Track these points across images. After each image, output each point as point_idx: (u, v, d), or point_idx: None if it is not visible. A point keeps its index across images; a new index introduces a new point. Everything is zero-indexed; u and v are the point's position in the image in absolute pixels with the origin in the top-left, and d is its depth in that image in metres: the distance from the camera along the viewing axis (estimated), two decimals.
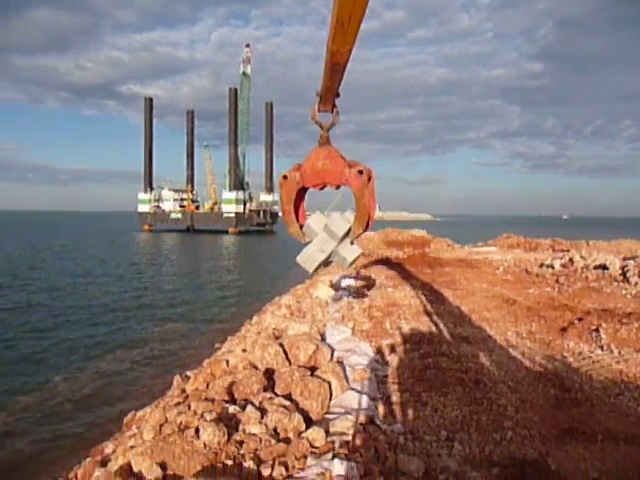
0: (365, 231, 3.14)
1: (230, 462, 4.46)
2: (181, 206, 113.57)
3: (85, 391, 14.20)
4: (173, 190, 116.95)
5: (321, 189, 3.15)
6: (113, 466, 5.13)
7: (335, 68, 2.45)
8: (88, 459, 8.44)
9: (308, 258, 3.14)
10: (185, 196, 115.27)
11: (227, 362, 8.28)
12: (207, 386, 7.62)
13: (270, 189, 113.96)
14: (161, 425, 5.83)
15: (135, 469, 4.59)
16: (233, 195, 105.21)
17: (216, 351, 14.56)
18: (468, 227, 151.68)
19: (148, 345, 18.99)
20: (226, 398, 6.24)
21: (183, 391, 8.43)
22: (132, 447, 5.56)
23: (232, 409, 5.55)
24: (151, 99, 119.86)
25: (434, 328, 11.13)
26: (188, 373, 10.37)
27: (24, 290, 30.64)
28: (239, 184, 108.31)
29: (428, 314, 12.60)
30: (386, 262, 25.01)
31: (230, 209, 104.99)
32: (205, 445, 4.61)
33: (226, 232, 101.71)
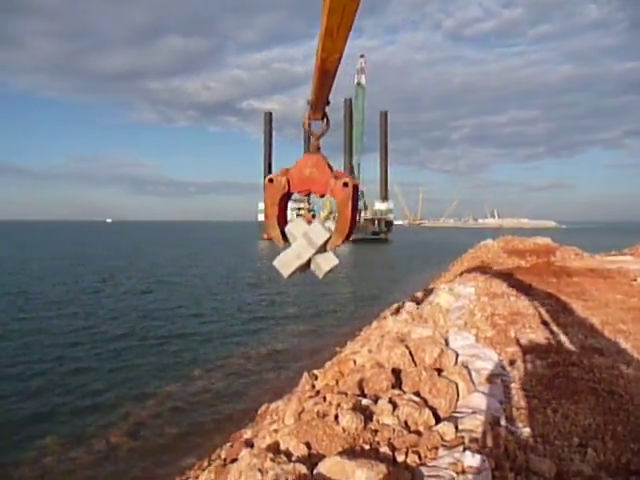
0: (344, 242, 3.10)
1: (367, 447, 4.90)
2: (298, 215, 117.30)
3: (220, 384, 15.53)
4: (291, 200, 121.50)
5: (306, 196, 3.18)
6: (260, 444, 5.79)
7: (325, 76, 2.46)
8: (228, 443, 9.38)
9: (285, 263, 3.08)
10: (302, 205, 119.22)
11: (354, 361, 8.77)
12: (336, 382, 8.16)
13: (385, 197, 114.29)
14: (300, 413, 6.43)
15: (282, 447, 5.18)
16: None
17: (337, 353, 15.20)
18: (598, 235, 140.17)
19: (273, 346, 20.19)
20: (357, 392, 6.69)
21: (313, 387, 9.06)
22: (276, 430, 6.20)
23: (365, 402, 5.99)
24: (270, 113, 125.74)
25: (562, 338, 10.76)
26: (315, 371, 11.03)
27: (173, 295, 33.86)
28: None
29: (555, 324, 12.17)
30: (507, 271, 24.22)
31: None
32: (344, 430, 5.08)
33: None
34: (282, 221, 3.11)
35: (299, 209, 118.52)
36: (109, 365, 17.51)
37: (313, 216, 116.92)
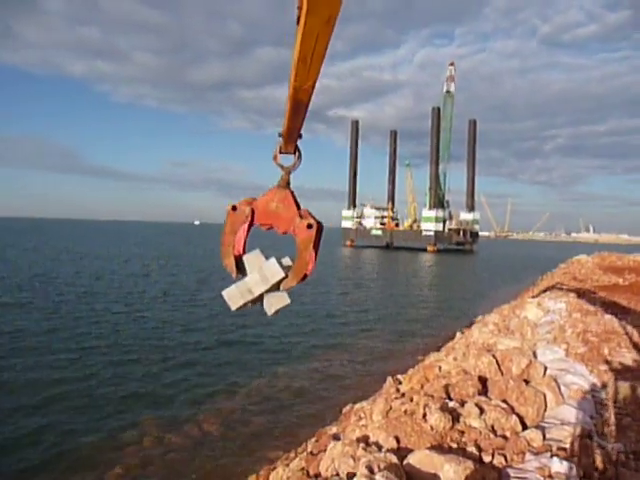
0: (298, 283, 3.02)
1: (454, 445, 5.14)
2: (381, 223, 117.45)
3: (304, 383, 16.11)
4: (375, 208, 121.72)
5: (268, 230, 3.06)
6: (350, 437, 6.17)
7: (298, 106, 2.40)
8: (313, 438, 9.85)
9: (234, 295, 3.00)
10: (386, 214, 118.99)
11: (439, 368, 8.94)
12: (421, 387, 8.38)
13: (471, 207, 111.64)
14: (387, 412, 6.75)
15: (372, 439, 5.53)
16: (433, 213, 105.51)
17: (420, 361, 15.32)
18: None
19: (356, 350, 20.57)
20: (443, 396, 6.90)
21: (397, 390, 9.32)
22: (364, 426, 6.56)
23: (451, 404, 6.21)
24: (357, 121, 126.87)
25: None
26: (399, 376, 11.28)
27: None
28: (439, 202, 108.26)
29: None
30: (602, 288, 23.06)
31: (429, 227, 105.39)
32: (432, 428, 5.35)
33: (424, 250, 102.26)
34: (239, 250, 3.01)
35: (382, 217, 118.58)
36: (204, 359, 18.69)
37: (397, 225, 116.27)
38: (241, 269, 3.03)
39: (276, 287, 3.02)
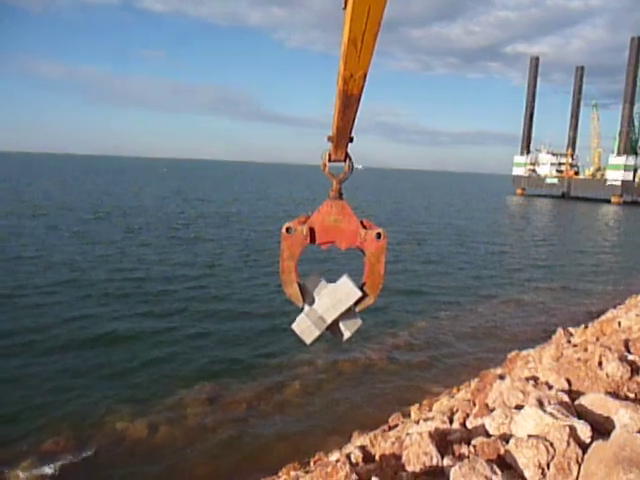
0: (375, 301, 2.76)
1: (631, 395, 5.05)
2: (558, 171, 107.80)
3: (466, 329, 16.28)
4: (551, 153, 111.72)
5: (326, 247, 2.75)
6: (518, 375, 6.34)
7: (348, 101, 2.16)
8: (476, 378, 10.12)
9: (306, 327, 2.70)
10: (564, 160, 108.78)
11: (619, 323, 8.50)
12: (597, 339, 8.09)
13: None
14: (558, 358, 6.74)
15: (542, 379, 5.65)
16: (622, 160, 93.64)
17: (594, 317, 14.49)
18: None
19: (522, 302, 20.00)
20: (622, 349, 6.65)
21: (569, 341, 9.09)
22: (532, 368, 6.65)
23: (631, 357, 6.00)
24: (537, 58, 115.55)
25: None
26: (570, 329, 10.91)
27: (419, 244, 35.60)
28: (631, 148, 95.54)
29: None
30: None
31: (616, 176, 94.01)
32: (607, 375, 5.30)
33: (608, 201, 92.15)
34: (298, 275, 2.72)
35: (560, 164, 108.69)
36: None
37: (576, 173, 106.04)
38: (304, 296, 2.73)
39: (349, 311, 2.75)
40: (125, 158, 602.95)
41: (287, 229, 2.59)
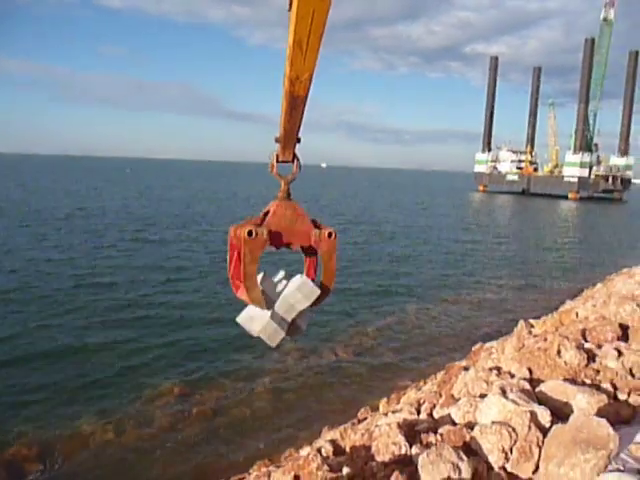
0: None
1: (588, 381, 5.29)
2: (518, 168, 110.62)
3: (430, 325, 16.65)
4: (511, 151, 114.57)
5: (277, 249, 2.75)
6: (482, 366, 6.54)
7: (295, 103, 2.18)
8: (442, 371, 10.34)
9: (273, 331, 2.67)
10: (523, 157, 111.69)
11: (577, 314, 8.84)
12: (556, 329, 8.39)
13: (625, 152, 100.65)
14: (520, 348, 6.97)
15: (504, 369, 5.85)
16: (578, 158, 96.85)
17: (553, 310, 14.98)
18: None
19: (483, 298, 20.50)
20: (579, 338, 6.94)
21: (530, 333, 9.39)
22: (495, 359, 6.87)
23: (587, 345, 6.27)
24: (496, 58, 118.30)
25: None
26: (531, 321, 11.26)
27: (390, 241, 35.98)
28: (586, 146, 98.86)
29: None
30: None
31: (573, 172, 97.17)
32: (566, 363, 5.53)
33: (565, 197, 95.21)
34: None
35: (519, 161, 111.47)
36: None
37: (535, 169, 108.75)
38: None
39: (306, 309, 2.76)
40: (89, 158, 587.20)
41: (249, 232, 2.51)
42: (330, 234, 2.70)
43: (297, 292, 2.68)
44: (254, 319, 2.70)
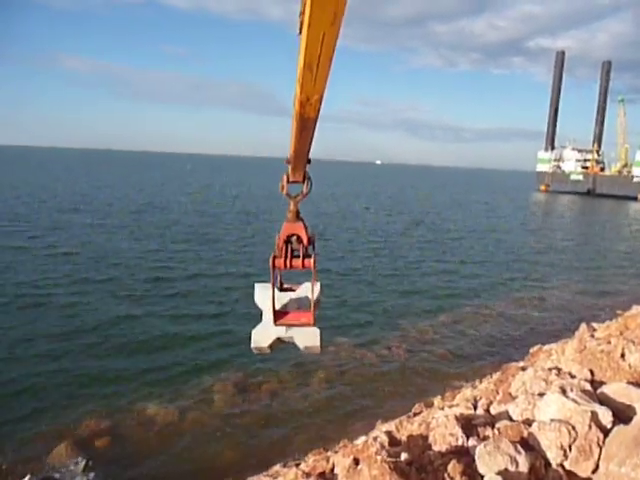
0: None
1: None
2: (583, 167, 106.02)
3: (488, 326, 16.37)
4: (576, 150, 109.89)
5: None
6: (541, 366, 6.47)
7: (305, 124, 2.20)
8: (499, 372, 10.22)
9: (262, 334, 2.95)
10: (589, 157, 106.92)
11: None
12: (620, 333, 8.15)
13: None
14: (581, 350, 6.84)
15: (565, 370, 5.78)
16: None
17: (618, 316, 14.43)
18: None
19: (543, 300, 19.94)
20: None
21: (592, 336, 9.15)
22: (555, 360, 6.77)
23: None
24: (563, 52, 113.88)
25: None
26: (594, 324, 10.93)
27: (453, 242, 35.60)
28: None
29: None
30: None
31: None
32: (630, 366, 5.41)
33: (635, 199, 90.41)
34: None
35: (585, 160, 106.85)
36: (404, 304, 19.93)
37: (602, 169, 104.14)
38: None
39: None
40: (150, 153, 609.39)
41: (274, 257, 2.81)
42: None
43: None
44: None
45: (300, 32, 1.68)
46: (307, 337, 2.94)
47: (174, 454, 8.90)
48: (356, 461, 3.77)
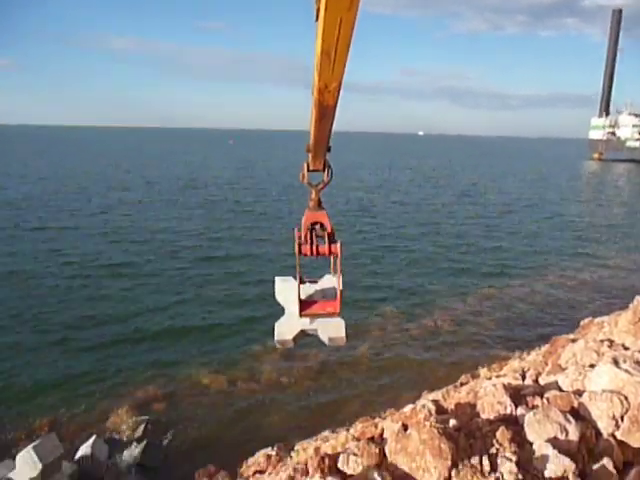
0: None
1: None
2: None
3: (538, 299, 16.08)
4: (634, 115, 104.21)
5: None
6: (593, 337, 6.37)
7: (324, 112, 2.18)
8: (547, 344, 10.09)
9: (286, 330, 3.00)
10: None
11: None
12: None
13: None
14: (635, 322, 6.69)
15: (617, 341, 5.69)
16: None
17: None
18: None
19: (595, 273, 19.36)
20: None
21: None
22: (607, 332, 6.66)
23: None
24: (620, 10, 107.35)
25: None
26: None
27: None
28: None
29: None
30: None
31: None
32: None
33: None
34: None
35: None
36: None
37: None
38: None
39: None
40: (190, 130, 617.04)
41: (299, 244, 2.92)
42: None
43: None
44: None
45: (317, 19, 1.65)
46: (332, 328, 3.03)
47: (226, 419, 9.29)
48: (405, 427, 3.86)
